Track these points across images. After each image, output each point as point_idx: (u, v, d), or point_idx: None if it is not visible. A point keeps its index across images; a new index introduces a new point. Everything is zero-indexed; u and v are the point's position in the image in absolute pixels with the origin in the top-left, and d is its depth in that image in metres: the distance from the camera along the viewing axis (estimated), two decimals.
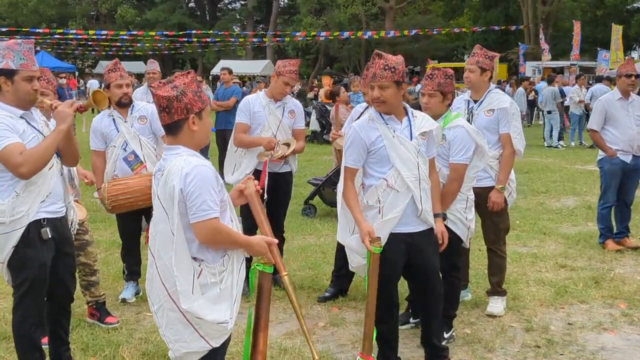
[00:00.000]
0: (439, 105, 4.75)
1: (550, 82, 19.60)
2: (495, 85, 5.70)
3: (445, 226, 4.57)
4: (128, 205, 5.48)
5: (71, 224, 4.33)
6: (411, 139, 4.11)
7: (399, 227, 4.13)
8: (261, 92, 6.16)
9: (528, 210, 9.61)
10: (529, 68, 32.84)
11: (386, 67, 4.01)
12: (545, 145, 18.40)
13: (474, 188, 5.23)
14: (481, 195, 5.33)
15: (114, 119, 5.68)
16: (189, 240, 3.12)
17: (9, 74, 3.79)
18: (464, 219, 4.80)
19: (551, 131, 18.56)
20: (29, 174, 3.74)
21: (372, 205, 4.15)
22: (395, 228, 4.12)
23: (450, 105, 4.88)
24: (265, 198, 5.78)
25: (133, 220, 5.79)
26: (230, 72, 12.97)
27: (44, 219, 3.91)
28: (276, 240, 3.42)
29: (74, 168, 4.44)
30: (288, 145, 5.91)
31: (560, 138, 18.54)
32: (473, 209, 4.95)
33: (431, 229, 4.26)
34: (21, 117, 3.86)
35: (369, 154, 4.14)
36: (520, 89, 22.24)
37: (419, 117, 4.21)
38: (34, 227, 3.86)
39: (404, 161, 4.07)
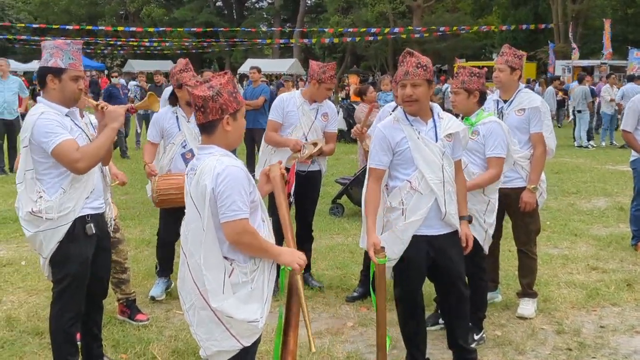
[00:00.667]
0: (465, 102, 4.82)
1: (580, 81, 19.37)
2: (524, 85, 5.65)
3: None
4: (175, 202, 5.49)
5: (109, 221, 4.40)
6: (436, 140, 4.08)
7: (422, 229, 4.10)
8: (297, 92, 6.13)
9: (558, 211, 9.51)
10: (558, 67, 32.46)
11: (419, 65, 3.99)
12: (576, 145, 18.20)
13: (504, 189, 5.21)
14: (511, 196, 5.30)
15: (177, 117, 5.73)
16: (220, 240, 3.13)
17: (57, 72, 3.87)
18: (482, 222, 4.77)
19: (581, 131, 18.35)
20: (84, 170, 3.83)
21: (396, 207, 4.13)
22: (419, 230, 4.09)
23: (481, 103, 4.88)
24: (291, 200, 5.81)
25: (176, 218, 5.82)
26: (259, 71, 13.02)
27: (88, 215, 4.00)
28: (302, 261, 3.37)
29: (107, 167, 4.50)
30: (315, 144, 5.90)
31: (590, 138, 18.31)
32: (494, 214, 4.90)
33: (455, 232, 4.22)
34: (66, 115, 3.94)
35: (393, 155, 4.11)
36: (550, 88, 21.95)
37: (445, 118, 4.17)
38: (79, 223, 3.94)
39: (428, 163, 4.04)
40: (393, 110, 5.75)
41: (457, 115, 4.92)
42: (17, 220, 7.34)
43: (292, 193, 5.73)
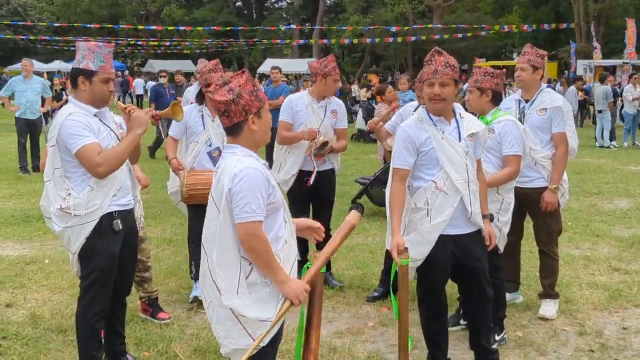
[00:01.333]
0: (477, 100, 4.87)
1: (602, 81, 19.19)
2: (546, 85, 5.63)
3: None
4: (204, 197, 5.50)
5: (138, 217, 4.46)
6: (460, 140, 4.08)
7: (447, 229, 4.09)
8: (305, 91, 6.21)
9: (580, 212, 9.44)
10: (580, 66, 32.19)
11: (447, 65, 3.99)
12: (597, 145, 18.03)
13: (525, 188, 5.19)
14: (532, 196, 5.29)
15: (202, 115, 5.73)
16: (238, 240, 3.12)
17: (88, 74, 3.97)
18: (496, 220, 4.74)
19: (603, 131, 18.18)
20: (104, 174, 3.91)
21: (421, 207, 4.11)
22: (444, 230, 4.09)
23: (496, 102, 4.92)
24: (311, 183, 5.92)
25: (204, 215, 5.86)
26: (280, 71, 13.09)
27: (115, 211, 4.07)
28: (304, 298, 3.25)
29: (132, 166, 4.54)
30: (326, 143, 5.94)
31: (612, 138, 18.14)
32: (508, 213, 4.89)
33: (479, 231, 4.22)
34: (95, 115, 4.02)
35: (418, 155, 4.09)
36: (572, 88, 21.75)
37: (466, 118, 4.18)
38: (107, 219, 4.02)
39: (453, 163, 4.04)
40: (415, 110, 5.76)
41: (473, 114, 4.95)
42: (40, 218, 7.46)
43: (312, 181, 5.90)
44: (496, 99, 4.92)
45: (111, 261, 4.07)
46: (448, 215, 4.05)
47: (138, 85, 34.20)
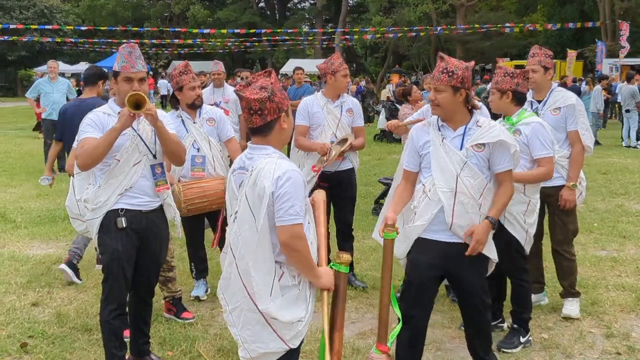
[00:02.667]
0: (498, 102, 4.87)
1: (629, 80, 18.93)
2: (557, 84, 5.62)
3: (504, 228, 4.56)
4: (202, 208, 5.57)
5: (176, 222, 4.52)
6: (460, 149, 3.91)
7: (429, 233, 3.96)
8: (318, 93, 6.23)
9: (606, 213, 9.31)
10: (605, 65, 31.81)
11: (444, 71, 3.87)
12: (624, 145, 17.78)
13: (545, 188, 5.16)
14: (553, 195, 5.29)
15: (182, 120, 5.72)
16: (274, 244, 3.12)
17: (115, 75, 4.16)
18: (522, 222, 4.70)
19: (630, 130, 17.93)
20: (81, 167, 4.07)
21: (412, 208, 4.06)
22: (425, 233, 3.97)
23: (519, 102, 4.88)
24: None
25: (198, 220, 5.91)
26: (303, 71, 13.12)
27: (121, 209, 4.12)
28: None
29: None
30: (345, 140, 5.95)
31: (638, 138, 17.88)
32: (535, 214, 4.83)
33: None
34: (119, 113, 4.09)
35: (420, 157, 4.06)
36: (598, 86, 21.47)
37: (484, 127, 3.93)
38: (112, 215, 4.11)
39: (442, 171, 3.91)
40: None
41: (496, 116, 4.92)
42: (66, 218, 7.52)
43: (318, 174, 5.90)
44: (518, 100, 4.87)
45: (114, 257, 4.12)
46: (426, 220, 3.94)
47: (162, 85, 34.47)
